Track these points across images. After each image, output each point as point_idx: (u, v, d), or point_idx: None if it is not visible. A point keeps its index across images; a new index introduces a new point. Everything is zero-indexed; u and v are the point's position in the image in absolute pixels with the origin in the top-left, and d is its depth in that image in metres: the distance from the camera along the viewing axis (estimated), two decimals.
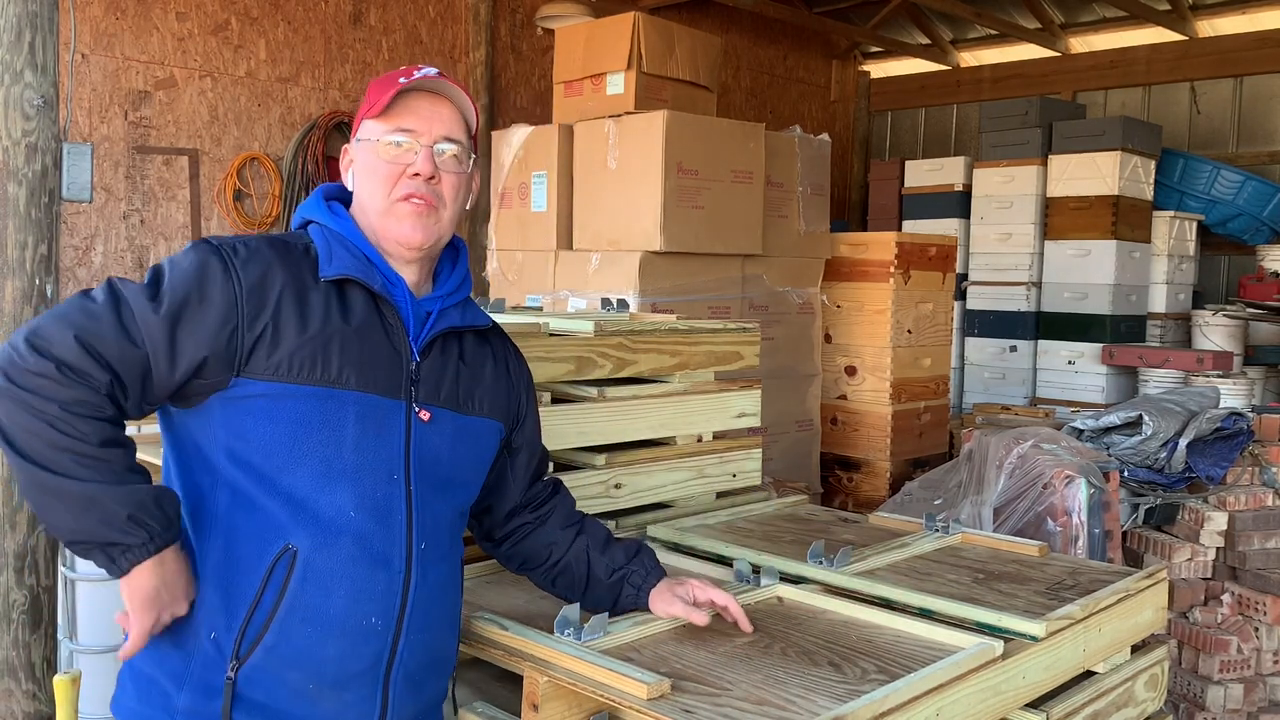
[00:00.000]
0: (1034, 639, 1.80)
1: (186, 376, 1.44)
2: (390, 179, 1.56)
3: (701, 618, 1.77)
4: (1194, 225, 7.15)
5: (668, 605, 1.80)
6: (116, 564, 1.41)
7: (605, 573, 1.83)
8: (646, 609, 1.82)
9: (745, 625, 1.80)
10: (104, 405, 1.39)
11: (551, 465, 2.01)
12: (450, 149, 1.59)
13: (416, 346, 1.57)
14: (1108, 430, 3.78)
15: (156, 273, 1.46)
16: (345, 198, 1.65)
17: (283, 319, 1.46)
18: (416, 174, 1.56)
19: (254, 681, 1.45)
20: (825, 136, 4.84)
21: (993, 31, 8.82)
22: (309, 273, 1.52)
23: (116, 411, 1.42)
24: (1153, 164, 6.83)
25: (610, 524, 2.41)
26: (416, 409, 1.55)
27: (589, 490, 2.38)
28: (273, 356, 1.45)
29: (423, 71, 1.59)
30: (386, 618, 1.51)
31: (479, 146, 1.73)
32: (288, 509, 1.46)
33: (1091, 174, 6.60)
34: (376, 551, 1.50)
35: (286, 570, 1.45)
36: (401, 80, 1.57)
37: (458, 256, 1.70)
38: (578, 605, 1.74)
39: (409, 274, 1.60)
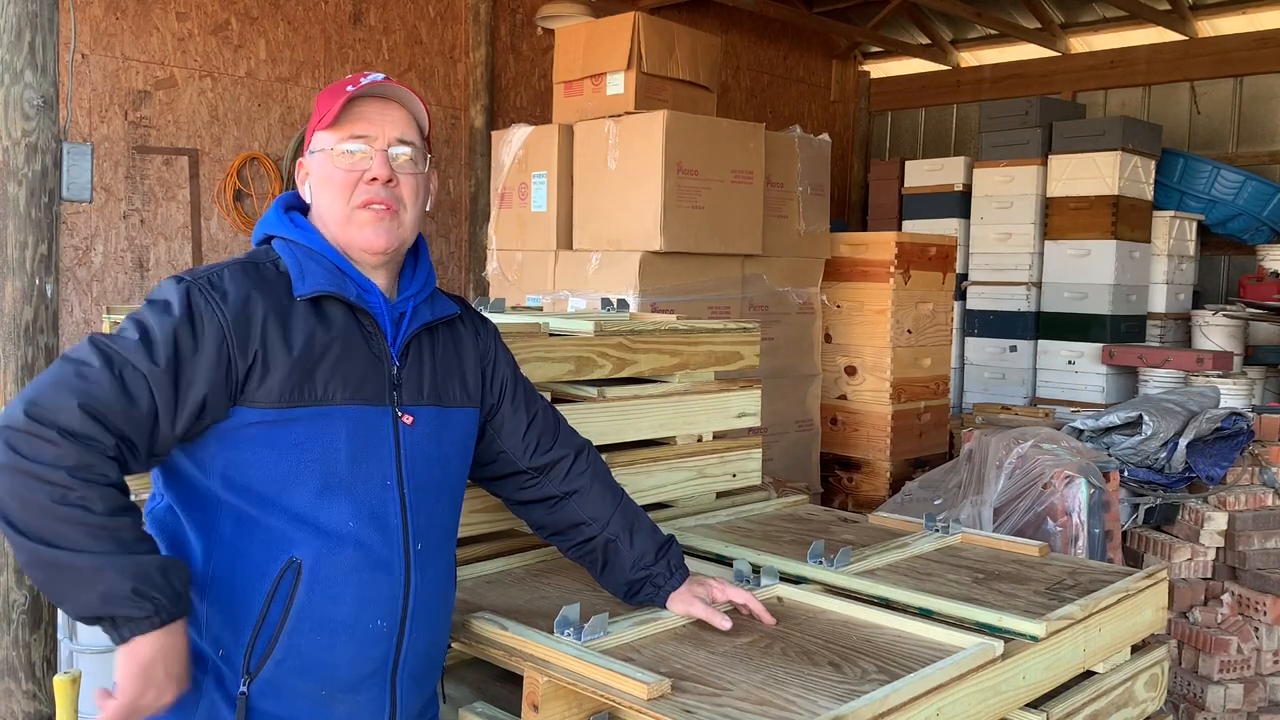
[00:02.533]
0: (1034, 639, 1.80)
1: (191, 420, 1.43)
2: (348, 187, 1.56)
3: (724, 621, 1.78)
4: (1194, 225, 7.15)
5: (687, 606, 1.81)
6: (119, 633, 1.36)
7: (630, 566, 1.84)
8: (664, 606, 1.84)
9: (767, 619, 1.82)
10: (111, 470, 1.36)
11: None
12: (404, 151, 1.58)
13: (395, 350, 1.58)
14: (1108, 430, 3.78)
15: (141, 324, 1.43)
16: (305, 207, 1.65)
17: (270, 345, 1.46)
18: (374, 179, 1.55)
19: (266, 694, 1.48)
20: (825, 136, 4.84)
21: (993, 31, 8.83)
22: (284, 293, 1.51)
23: (122, 475, 1.38)
24: (1153, 164, 6.83)
25: None
26: (400, 413, 1.57)
27: None
28: (265, 383, 1.46)
29: (370, 78, 1.58)
30: (391, 620, 1.54)
31: (482, 146, 1.73)
32: (289, 524, 1.47)
33: (1091, 174, 6.60)
34: (377, 557, 1.52)
35: (293, 582, 1.47)
36: (349, 88, 1.56)
37: (419, 252, 1.70)
38: (578, 605, 1.74)
39: (379, 279, 1.61)
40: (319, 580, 1.48)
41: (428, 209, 1.67)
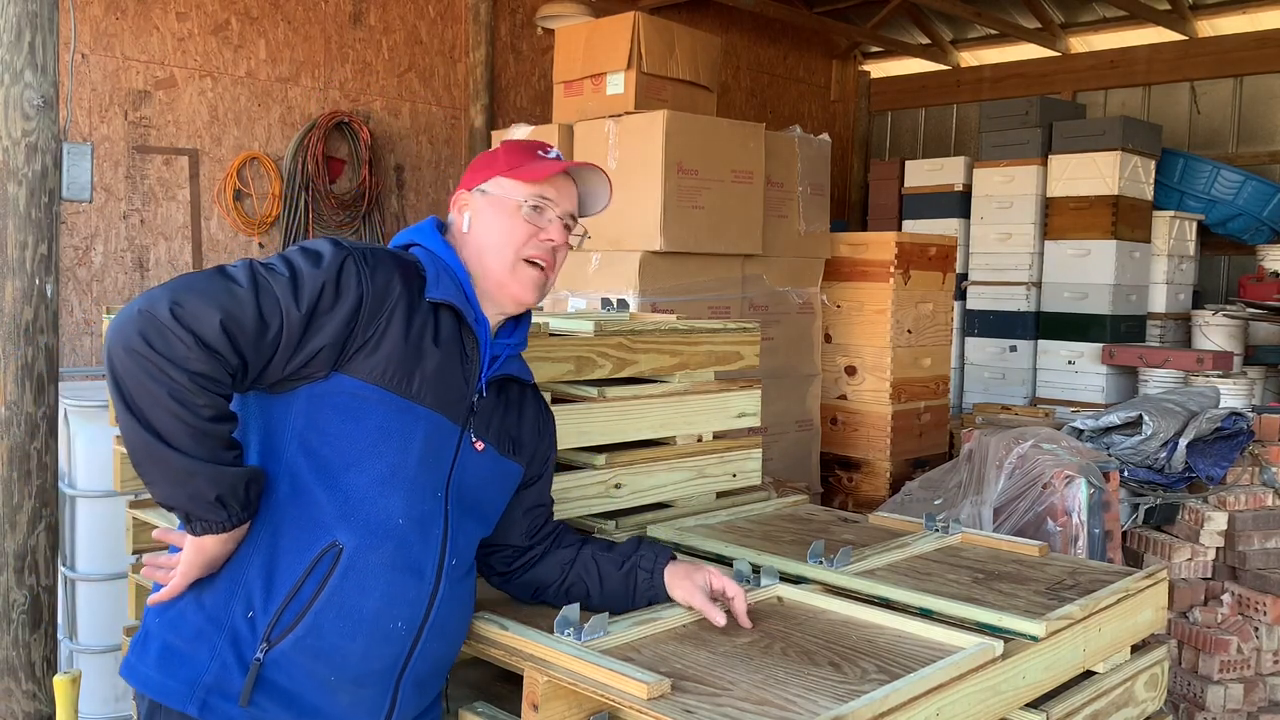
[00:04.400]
0: (1034, 639, 1.80)
1: (300, 366, 1.52)
2: (524, 238, 1.70)
3: (720, 618, 1.79)
4: (1194, 225, 7.15)
5: (689, 595, 1.83)
6: (193, 528, 1.51)
7: (616, 565, 1.89)
8: (663, 594, 1.85)
9: (744, 621, 1.81)
10: (226, 382, 1.47)
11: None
12: (571, 225, 1.76)
13: (483, 382, 1.69)
14: (1108, 430, 3.78)
15: (293, 267, 1.52)
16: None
17: (391, 327, 1.56)
18: (549, 239, 1.71)
19: (279, 666, 1.52)
20: (825, 136, 4.84)
21: (993, 31, 8.83)
22: (418, 291, 1.62)
23: (231, 390, 1.50)
24: (1153, 164, 6.83)
25: (610, 524, 2.42)
26: (472, 438, 1.68)
27: (589, 490, 2.38)
28: (372, 358, 1.55)
29: (554, 152, 1.76)
30: (411, 624, 1.59)
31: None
32: (340, 506, 1.54)
33: (1091, 174, 6.60)
34: (413, 560, 1.59)
35: (330, 565, 1.53)
36: (540, 153, 1.74)
37: (522, 317, 1.83)
38: (578, 605, 1.74)
39: (492, 318, 1.74)
40: (354, 569, 1.54)
41: None
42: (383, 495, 1.56)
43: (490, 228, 1.71)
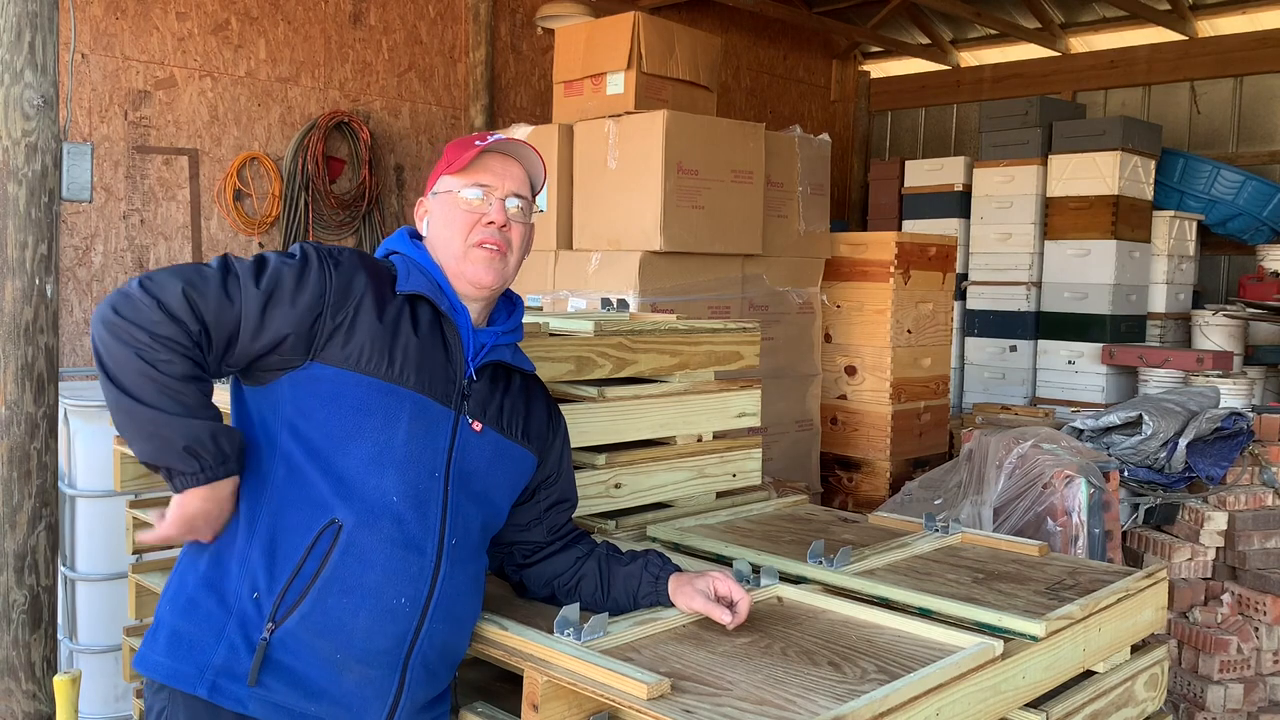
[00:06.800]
0: (1034, 639, 1.80)
1: (266, 349, 1.60)
2: (467, 226, 1.76)
3: (724, 615, 1.78)
4: (1194, 225, 7.15)
5: (689, 600, 1.83)
6: (173, 483, 1.58)
7: (623, 564, 1.93)
8: (667, 600, 1.86)
9: (726, 622, 1.77)
10: (190, 348, 1.55)
11: None
12: (517, 204, 1.79)
13: (471, 367, 1.74)
14: (1108, 430, 3.78)
15: (262, 258, 1.65)
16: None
17: (360, 316, 1.64)
18: (491, 222, 1.75)
19: (286, 645, 1.56)
20: (825, 136, 4.84)
21: (993, 31, 8.83)
22: (388, 286, 1.71)
23: (200, 357, 1.57)
24: (1153, 164, 6.82)
25: (610, 524, 2.42)
26: (469, 420, 1.73)
27: (589, 490, 2.38)
28: (346, 347, 1.63)
29: (496, 136, 1.81)
30: (415, 600, 1.62)
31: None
32: (337, 486, 1.59)
33: (1091, 174, 6.60)
34: (412, 536, 1.63)
35: (330, 542, 1.58)
36: (478, 143, 1.78)
37: (514, 307, 1.90)
38: (577, 605, 1.75)
39: (472, 309, 1.78)
40: (354, 544, 1.59)
41: (528, 253, 1.87)
42: (374, 474, 1.61)
43: (440, 224, 1.79)
